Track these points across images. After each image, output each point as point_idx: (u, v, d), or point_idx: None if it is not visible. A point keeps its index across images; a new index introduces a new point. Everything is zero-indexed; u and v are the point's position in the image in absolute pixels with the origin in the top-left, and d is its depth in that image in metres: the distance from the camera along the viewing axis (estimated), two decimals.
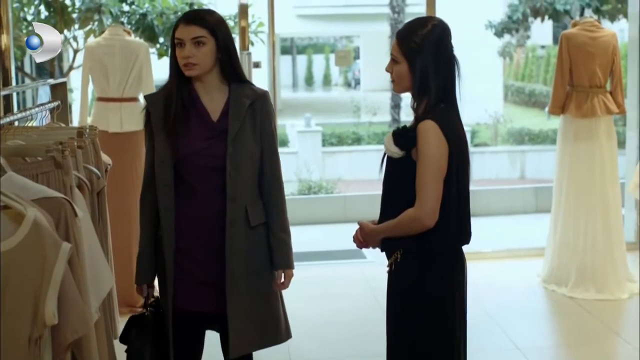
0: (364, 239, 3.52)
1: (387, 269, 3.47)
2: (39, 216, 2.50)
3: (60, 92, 4.19)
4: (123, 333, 3.67)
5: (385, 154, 3.41)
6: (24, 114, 3.44)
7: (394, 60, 3.37)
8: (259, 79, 7.93)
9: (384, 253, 3.53)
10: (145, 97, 3.68)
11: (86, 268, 2.87)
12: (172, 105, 3.54)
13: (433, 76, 3.30)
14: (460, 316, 3.48)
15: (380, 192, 3.56)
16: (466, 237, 3.45)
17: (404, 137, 3.31)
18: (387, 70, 3.41)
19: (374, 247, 3.52)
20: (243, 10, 7.52)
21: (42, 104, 3.82)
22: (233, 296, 3.60)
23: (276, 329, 3.83)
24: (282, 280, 3.78)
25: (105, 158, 3.82)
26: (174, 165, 3.54)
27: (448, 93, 3.35)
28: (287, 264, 3.77)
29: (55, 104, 3.94)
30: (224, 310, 3.64)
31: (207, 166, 3.57)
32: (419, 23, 3.38)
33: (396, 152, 3.31)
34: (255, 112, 3.60)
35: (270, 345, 3.84)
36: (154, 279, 3.73)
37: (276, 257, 3.74)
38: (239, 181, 3.57)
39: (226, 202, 3.57)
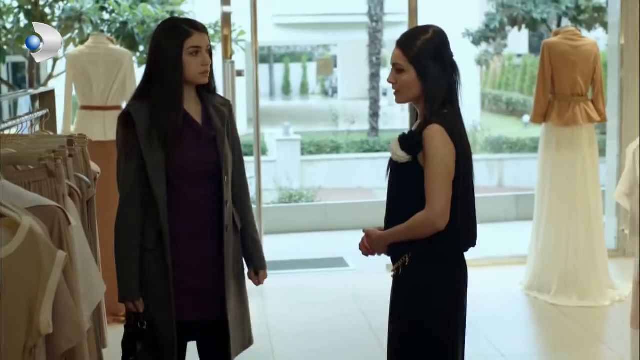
0: (370, 246, 3.52)
1: (393, 272, 3.46)
2: (34, 225, 2.49)
3: (48, 100, 4.18)
4: (126, 348, 3.62)
5: (390, 159, 3.41)
6: (15, 122, 3.43)
7: (398, 70, 3.35)
8: (239, 88, 7.96)
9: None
10: (129, 106, 3.61)
11: (79, 276, 2.86)
12: (172, 114, 3.51)
13: (441, 82, 3.32)
14: (463, 319, 3.51)
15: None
16: (473, 240, 3.48)
17: (410, 141, 3.31)
18: (389, 81, 3.40)
19: (380, 253, 3.53)
20: (226, 19, 7.52)
21: (31, 112, 3.81)
22: (230, 302, 3.64)
23: (250, 332, 3.90)
24: (259, 280, 3.90)
25: (94, 166, 3.81)
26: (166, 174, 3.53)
27: (451, 97, 3.37)
28: (264, 264, 3.91)
29: (44, 112, 3.93)
30: (217, 318, 3.65)
31: (201, 173, 3.60)
32: (420, 30, 3.42)
33: (403, 156, 3.31)
34: (226, 119, 3.69)
35: (245, 349, 3.87)
36: None
37: (254, 258, 3.86)
38: (228, 186, 3.64)
39: (219, 207, 3.61)
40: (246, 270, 3.89)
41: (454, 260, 3.44)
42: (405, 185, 3.37)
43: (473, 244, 3.48)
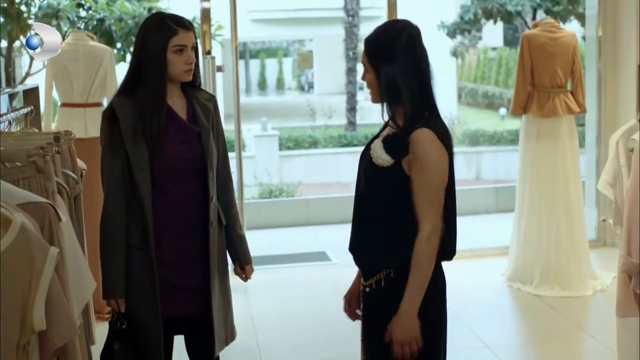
0: (399, 337, 3.13)
1: (367, 288, 3.25)
2: (25, 221, 2.48)
3: (32, 97, 4.16)
4: (105, 348, 3.61)
5: (365, 158, 3.24)
6: (1, 119, 3.41)
7: (365, 70, 3.22)
8: (219, 83, 7.94)
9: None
10: (113, 102, 3.58)
11: (69, 273, 2.85)
12: (155, 112, 3.49)
13: (403, 83, 3.11)
14: (445, 325, 3.36)
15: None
16: (455, 248, 3.29)
17: (396, 144, 3.13)
18: (362, 79, 3.26)
19: (414, 335, 3.14)
20: (205, 14, 7.50)
21: (18, 109, 3.79)
22: (214, 297, 3.65)
23: (233, 327, 3.91)
24: (247, 275, 3.93)
25: (80, 163, 3.80)
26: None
27: (425, 99, 3.19)
28: (250, 259, 3.94)
29: (29, 109, 3.91)
30: (201, 313, 3.65)
31: (185, 169, 3.60)
32: (385, 29, 3.21)
33: (387, 160, 3.12)
34: (211, 115, 3.69)
35: (228, 344, 3.88)
36: None
37: (240, 254, 3.87)
38: (214, 182, 3.65)
39: (204, 203, 3.62)
40: (231, 266, 3.90)
41: (438, 269, 3.23)
42: (382, 188, 3.17)
43: (454, 253, 3.28)
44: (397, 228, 3.16)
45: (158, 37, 3.51)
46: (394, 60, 3.12)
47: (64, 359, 2.73)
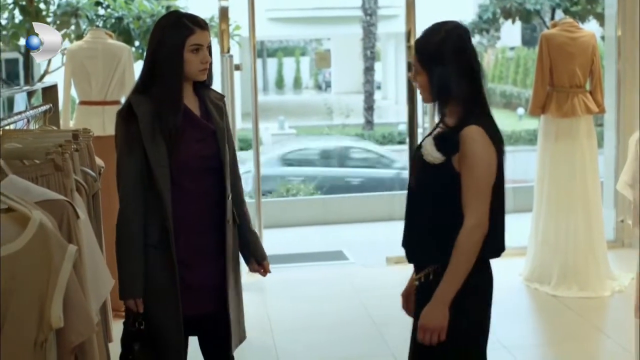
0: (428, 326, 3.18)
1: (417, 282, 3.29)
2: (44, 219, 2.49)
3: (50, 95, 4.18)
4: (124, 350, 3.59)
5: (417, 158, 3.26)
6: (20, 116, 3.42)
7: (416, 71, 3.25)
8: (237, 82, 7.95)
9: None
10: (131, 99, 3.56)
11: (87, 270, 2.86)
12: (172, 110, 3.49)
13: (454, 83, 3.16)
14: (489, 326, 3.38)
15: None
16: (503, 245, 3.31)
17: (447, 142, 3.16)
18: (412, 80, 3.31)
19: (443, 323, 3.17)
20: (223, 13, 7.50)
21: (36, 107, 3.80)
22: (230, 294, 3.65)
23: (244, 327, 3.89)
24: (265, 269, 3.93)
25: (98, 161, 3.81)
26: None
27: (476, 98, 3.22)
28: (265, 254, 3.94)
29: (47, 107, 3.92)
30: (217, 312, 3.66)
31: (202, 167, 3.59)
32: (433, 30, 3.26)
33: (438, 157, 3.15)
34: (224, 113, 3.70)
35: (241, 343, 3.86)
36: None
37: (256, 250, 3.88)
38: (229, 179, 3.65)
39: (220, 201, 3.62)
40: (243, 265, 3.90)
41: (486, 267, 3.27)
42: (433, 186, 3.21)
43: (503, 249, 3.31)
44: (446, 225, 3.18)
45: (175, 35, 3.50)
46: (445, 61, 3.17)
47: (81, 356, 2.73)
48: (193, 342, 3.83)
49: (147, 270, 3.53)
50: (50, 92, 4.20)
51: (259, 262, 3.90)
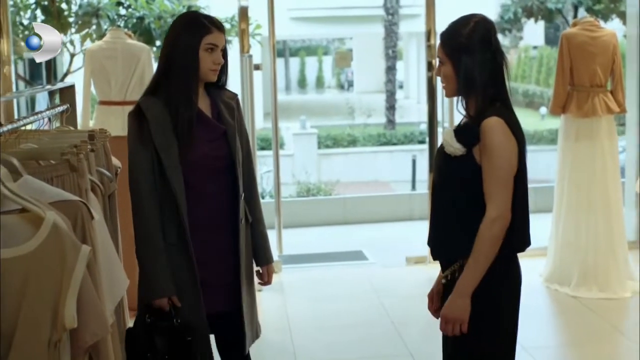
0: (450, 317, 3.18)
1: (443, 280, 3.28)
2: (57, 219, 2.49)
3: (68, 95, 4.19)
4: (138, 338, 3.57)
5: (440, 151, 3.26)
6: (36, 117, 3.44)
7: (440, 63, 3.25)
8: (255, 82, 7.96)
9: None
10: (140, 102, 3.60)
11: (102, 271, 2.86)
12: (187, 107, 3.51)
13: (478, 74, 3.16)
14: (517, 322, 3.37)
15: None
16: (529, 238, 3.28)
17: (467, 134, 3.16)
18: (436, 74, 3.32)
19: (465, 315, 3.17)
20: (243, 12, 7.51)
21: (53, 107, 3.82)
22: (244, 293, 3.66)
23: (258, 325, 3.90)
24: (267, 276, 3.89)
25: (115, 161, 3.82)
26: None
27: (498, 90, 3.23)
28: (271, 258, 3.91)
29: (65, 107, 3.94)
30: (230, 310, 3.67)
31: (213, 167, 3.61)
32: (461, 22, 3.27)
33: (458, 148, 3.15)
34: (235, 113, 3.71)
35: (254, 342, 3.85)
36: None
37: (262, 253, 3.85)
38: (241, 179, 3.66)
39: (233, 200, 3.63)
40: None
41: (512, 260, 3.25)
42: (455, 178, 3.21)
43: (528, 243, 3.27)
44: (470, 219, 3.16)
45: (192, 34, 3.52)
46: (473, 52, 3.17)
47: (96, 356, 2.73)
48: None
49: (172, 267, 3.55)
50: (67, 93, 4.21)
51: (262, 265, 3.88)
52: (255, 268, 3.89)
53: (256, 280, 3.88)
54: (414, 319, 6.39)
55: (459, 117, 3.39)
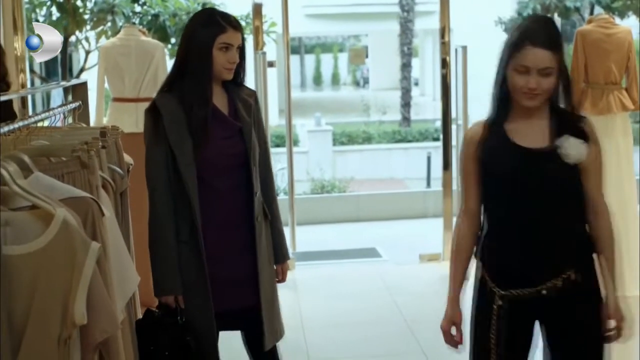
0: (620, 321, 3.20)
1: (560, 284, 3.11)
2: (67, 216, 2.49)
3: (80, 92, 4.20)
4: (144, 332, 3.57)
5: (547, 163, 3.08)
6: (48, 114, 3.45)
7: (546, 74, 3.02)
8: (271, 79, 7.96)
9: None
10: (156, 99, 3.62)
11: (112, 268, 2.86)
12: (201, 105, 3.52)
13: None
14: None
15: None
16: None
17: (583, 138, 3.07)
18: (531, 87, 3.01)
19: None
20: (257, 10, 7.52)
21: (64, 104, 3.83)
22: (263, 290, 3.65)
23: (282, 322, 3.90)
24: (282, 274, 3.90)
25: (127, 158, 3.82)
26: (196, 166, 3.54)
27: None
28: (287, 255, 3.92)
29: (77, 104, 3.95)
30: (249, 307, 3.66)
31: (228, 164, 3.61)
32: (551, 22, 3.10)
33: (586, 154, 3.06)
34: (252, 110, 3.70)
35: (277, 341, 3.85)
36: None
37: (278, 250, 3.85)
38: (257, 176, 3.66)
39: (248, 197, 3.63)
40: None
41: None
42: (577, 185, 3.12)
43: None
44: (582, 221, 3.18)
45: (206, 32, 3.52)
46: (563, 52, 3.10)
47: (106, 353, 2.74)
48: (230, 338, 3.84)
49: (180, 266, 3.57)
50: (79, 89, 4.22)
51: (279, 263, 3.88)
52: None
53: None
54: (427, 316, 6.35)
55: (473, 114, 3.36)
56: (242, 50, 3.63)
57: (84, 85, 4.27)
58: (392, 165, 18.63)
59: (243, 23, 9.43)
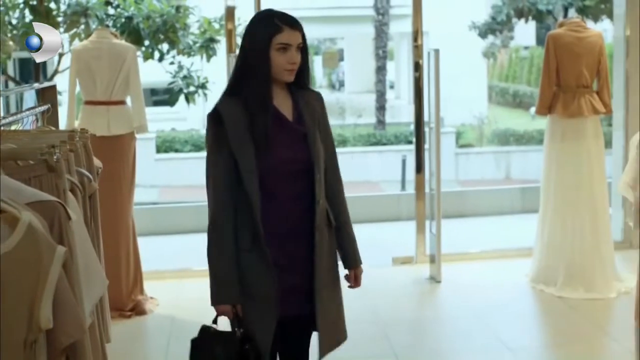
0: None
1: None
2: (33, 220, 2.49)
3: (49, 95, 4.18)
4: (200, 348, 3.49)
5: None
6: (16, 117, 3.43)
7: None
8: None
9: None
10: (219, 104, 3.47)
11: (80, 271, 2.86)
12: (262, 111, 3.41)
13: None
14: None
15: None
16: None
17: None
18: None
19: None
20: (230, 12, 7.52)
21: (32, 108, 3.81)
22: (319, 297, 3.55)
23: (344, 329, 3.79)
24: (355, 279, 3.76)
25: (96, 161, 3.81)
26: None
27: None
28: (359, 260, 3.77)
29: (45, 107, 3.93)
30: (308, 314, 3.57)
31: (292, 172, 3.49)
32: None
33: None
34: (317, 114, 3.59)
35: (340, 345, 3.76)
36: None
37: (350, 256, 3.72)
38: (321, 184, 3.53)
39: (311, 206, 3.50)
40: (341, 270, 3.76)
41: None
42: None
43: None
44: None
45: (262, 33, 3.42)
46: None
47: (73, 357, 2.73)
48: None
49: (241, 275, 3.46)
50: (49, 92, 4.21)
51: (350, 268, 3.75)
52: (344, 271, 3.76)
53: (345, 283, 3.75)
54: (400, 319, 6.40)
55: (447, 117, 3.35)
56: (304, 50, 3.50)
57: (53, 88, 4.26)
58: (368, 168, 18.66)
59: (216, 26, 9.43)
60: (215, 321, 3.50)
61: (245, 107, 3.42)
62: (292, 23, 3.45)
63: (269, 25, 3.42)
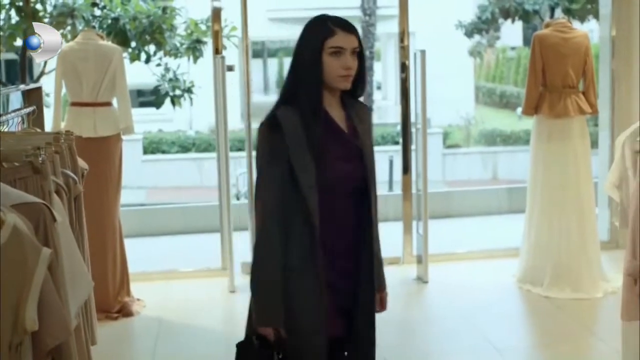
0: None
1: None
2: (18, 222, 2.48)
3: (35, 97, 4.17)
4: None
5: None
6: (1, 119, 3.42)
7: None
8: (235, 83, 7.94)
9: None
10: (278, 112, 3.26)
11: (65, 273, 2.85)
12: (314, 119, 3.23)
13: None
14: None
15: None
16: None
17: None
18: None
19: None
20: (216, 14, 7.51)
21: (18, 109, 3.80)
22: (360, 320, 3.41)
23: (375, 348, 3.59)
24: (381, 303, 3.57)
25: (81, 163, 3.80)
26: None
27: None
28: (383, 285, 3.56)
29: (31, 109, 3.92)
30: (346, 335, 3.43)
31: (348, 188, 3.32)
32: None
33: None
34: (369, 131, 3.43)
35: None
36: None
37: (378, 279, 3.47)
38: (375, 206, 3.37)
39: (362, 225, 3.35)
40: None
41: None
42: None
43: None
44: None
45: (315, 37, 3.26)
46: None
47: (58, 359, 2.73)
48: None
49: (289, 293, 3.24)
50: (34, 94, 4.20)
51: (377, 291, 3.51)
52: None
53: None
54: (387, 320, 6.37)
55: (434, 118, 3.31)
56: (360, 56, 3.29)
57: (38, 89, 4.25)
58: None
59: (203, 27, 9.41)
60: (258, 337, 3.28)
61: (302, 117, 3.23)
62: (347, 26, 3.27)
63: (322, 29, 3.25)
